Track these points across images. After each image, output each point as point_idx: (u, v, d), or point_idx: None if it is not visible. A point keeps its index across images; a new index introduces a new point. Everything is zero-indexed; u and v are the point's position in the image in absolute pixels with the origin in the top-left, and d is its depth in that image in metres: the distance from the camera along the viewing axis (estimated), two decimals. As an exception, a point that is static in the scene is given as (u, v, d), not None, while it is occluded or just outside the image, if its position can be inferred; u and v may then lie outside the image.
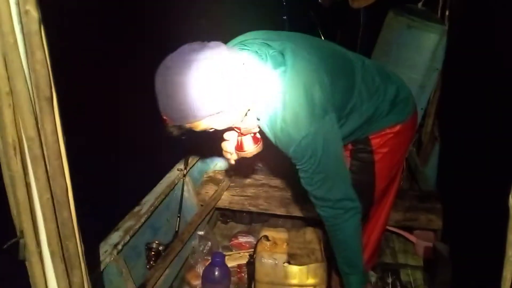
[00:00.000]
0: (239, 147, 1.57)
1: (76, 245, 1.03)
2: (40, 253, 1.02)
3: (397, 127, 1.62)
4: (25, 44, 0.88)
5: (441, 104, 2.81)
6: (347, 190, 1.44)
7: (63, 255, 1.01)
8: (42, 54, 0.88)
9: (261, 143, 1.56)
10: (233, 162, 1.62)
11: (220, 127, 1.36)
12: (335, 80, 1.38)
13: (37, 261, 1.02)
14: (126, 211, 2.15)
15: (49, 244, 1.00)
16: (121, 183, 3.30)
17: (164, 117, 1.29)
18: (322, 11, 4.04)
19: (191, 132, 1.36)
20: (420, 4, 2.95)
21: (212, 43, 1.26)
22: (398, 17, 2.89)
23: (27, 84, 0.89)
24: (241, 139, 1.56)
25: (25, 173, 0.96)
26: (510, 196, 0.79)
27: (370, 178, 1.65)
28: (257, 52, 1.36)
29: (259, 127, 1.48)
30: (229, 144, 1.58)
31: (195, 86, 1.19)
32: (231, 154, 1.59)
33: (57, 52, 1.00)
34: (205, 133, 1.39)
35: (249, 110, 1.39)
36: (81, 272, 1.04)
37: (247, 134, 1.50)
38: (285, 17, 4.03)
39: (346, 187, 1.44)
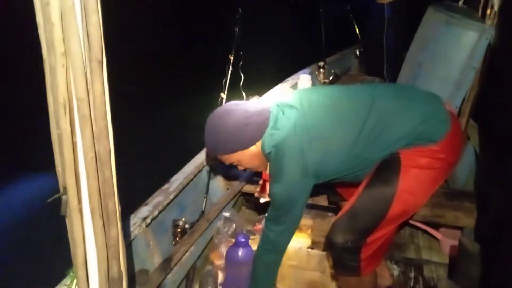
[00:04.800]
0: (262, 190, 2.03)
1: (115, 204, 1.08)
2: (80, 210, 1.07)
3: (429, 147, 1.59)
4: (81, 8, 0.92)
5: (476, 104, 2.76)
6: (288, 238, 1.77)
7: (102, 212, 1.07)
8: (97, 18, 0.93)
9: None
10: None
11: (244, 165, 1.76)
12: (328, 147, 1.62)
13: (77, 217, 1.07)
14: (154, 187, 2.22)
15: (90, 201, 1.05)
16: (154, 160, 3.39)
17: (207, 150, 1.83)
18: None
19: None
20: (461, 2, 2.90)
21: (251, 101, 1.74)
22: (438, 13, 2.85)
23: (81, 46, 0.94)
24: (263, 183, 2.02)
25: (72, 132, 1.01)
26: None
27: (391, 190, 1.61)
28: (274, 115, 1.68)
29: None
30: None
31: (225, 129, 1.63)
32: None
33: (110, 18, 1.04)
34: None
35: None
36: (117, 230, 1.09)
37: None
38: (321, 10, 4.09)
39: (289, 236, 1.76)
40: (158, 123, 4.21)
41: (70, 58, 0.94)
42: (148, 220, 1.98)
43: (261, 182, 2.04)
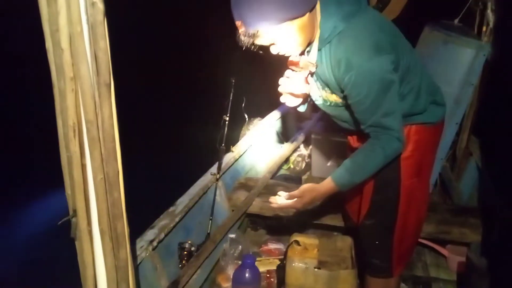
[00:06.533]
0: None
1: (124, 225, 1.09)
2: (90, 232, 1.09)
3: (425, 127, 1.64)
4: (89, 33, 0.95)
5: (476, 119, 2.79)
6: (394, 122, 1.49)
7: (111, 234, 1.08)
8: (105, 43, 0.96)
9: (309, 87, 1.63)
10: (283, 100, 1.68)
11: (286, 45, 1.43)
12: (396, 42, 1.50)
13: (87, 239, 1.08)
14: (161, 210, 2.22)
15: (100, 223, 1.06)
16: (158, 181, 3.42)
17: (239, 23, 1.37)
18: None
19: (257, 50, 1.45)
20: (456, 21, 2.95)
21: None
22: (434, 32, 2.90)
23: (90, 71, 0.97)
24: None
25: (82, 155, 1.03)
26: None
27: (396, 172, 1.65)
28: None
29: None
30: (284, 82, 1.63)
31: None
32: (284, 94, 1.66)
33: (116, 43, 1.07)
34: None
35: (311, 43, 1.49)
36: (126, 251, 1.10)
37: (304, 70, 1.56)
38: None
39: (393, 119, 1.49)
40: (162, 146, 4.26)
41: (79, 82, 0.97)
42: (155, 243, 1.97)
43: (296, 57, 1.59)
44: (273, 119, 3.55)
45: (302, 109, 1.79)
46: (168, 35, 6.20)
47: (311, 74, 1.58)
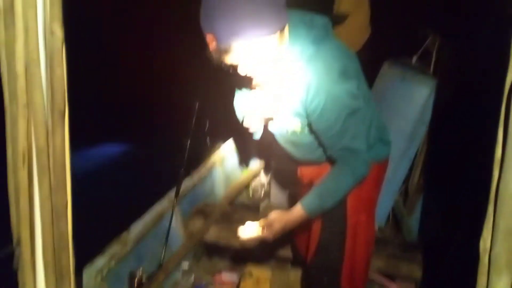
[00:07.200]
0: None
1: (69, 258, 1.05)
2: (33, 263, 1.04)
3: (371, 163, 1.62)
4: (46, 61, 0.94)
5: (428, 156, 2.89)
6: (362, 145, 1.54)
7: (56, 266, 1.04)
8: (62, 70, 0.95)
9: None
10: (247, 125, 1.66)
11: (256, 64, 1.38)
12: (358, 70, 1.55)
13: (30, 270, 1.04)
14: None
15: (44, 255, 1.02)
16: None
17: (210, 37, 1.31)
18: None
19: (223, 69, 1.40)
20: (414, 59, 3.08)
21: None
22: (393, 69, 3.02)
23: (44, 98, 0.95)
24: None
25: (30, 183, 1.00)
26: (480, 239, 0.83)
27: (342, 209, 1.65)
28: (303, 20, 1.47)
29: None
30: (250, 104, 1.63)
31: (261, 3, 1.26)
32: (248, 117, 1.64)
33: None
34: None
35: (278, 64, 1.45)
36: (70, 284, 1.06)
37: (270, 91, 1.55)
38: None
39: (361, 142, 1.54)
40: (118, 168, 4.18)
41: (32, 109, 0.95)
42: (104, 273, 1.91)
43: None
44: (235, 144, 3.55)
45: (257, 136, 1.76)
46: (128, 52, 6.10)
47: (276, 97, 1.56)
